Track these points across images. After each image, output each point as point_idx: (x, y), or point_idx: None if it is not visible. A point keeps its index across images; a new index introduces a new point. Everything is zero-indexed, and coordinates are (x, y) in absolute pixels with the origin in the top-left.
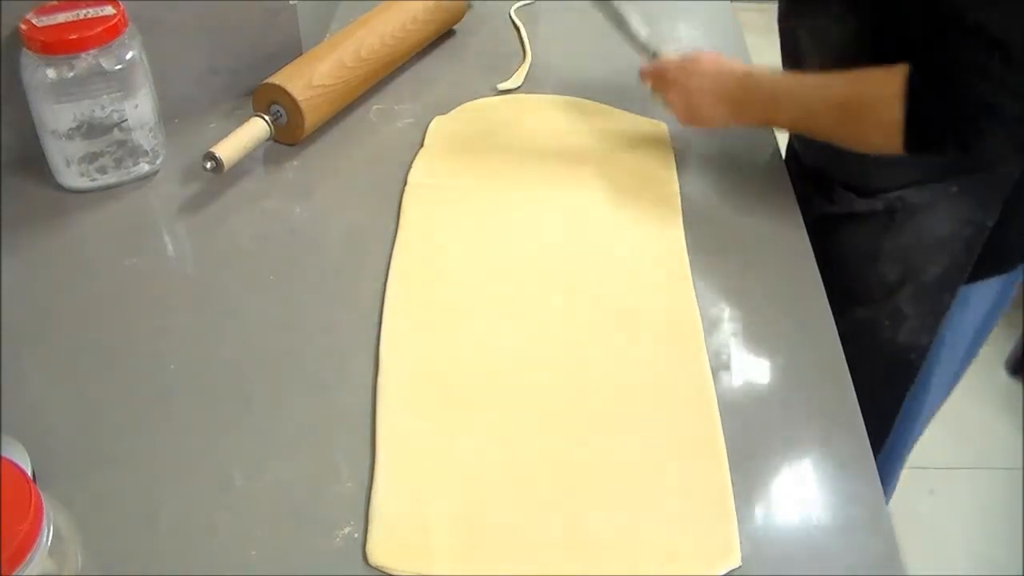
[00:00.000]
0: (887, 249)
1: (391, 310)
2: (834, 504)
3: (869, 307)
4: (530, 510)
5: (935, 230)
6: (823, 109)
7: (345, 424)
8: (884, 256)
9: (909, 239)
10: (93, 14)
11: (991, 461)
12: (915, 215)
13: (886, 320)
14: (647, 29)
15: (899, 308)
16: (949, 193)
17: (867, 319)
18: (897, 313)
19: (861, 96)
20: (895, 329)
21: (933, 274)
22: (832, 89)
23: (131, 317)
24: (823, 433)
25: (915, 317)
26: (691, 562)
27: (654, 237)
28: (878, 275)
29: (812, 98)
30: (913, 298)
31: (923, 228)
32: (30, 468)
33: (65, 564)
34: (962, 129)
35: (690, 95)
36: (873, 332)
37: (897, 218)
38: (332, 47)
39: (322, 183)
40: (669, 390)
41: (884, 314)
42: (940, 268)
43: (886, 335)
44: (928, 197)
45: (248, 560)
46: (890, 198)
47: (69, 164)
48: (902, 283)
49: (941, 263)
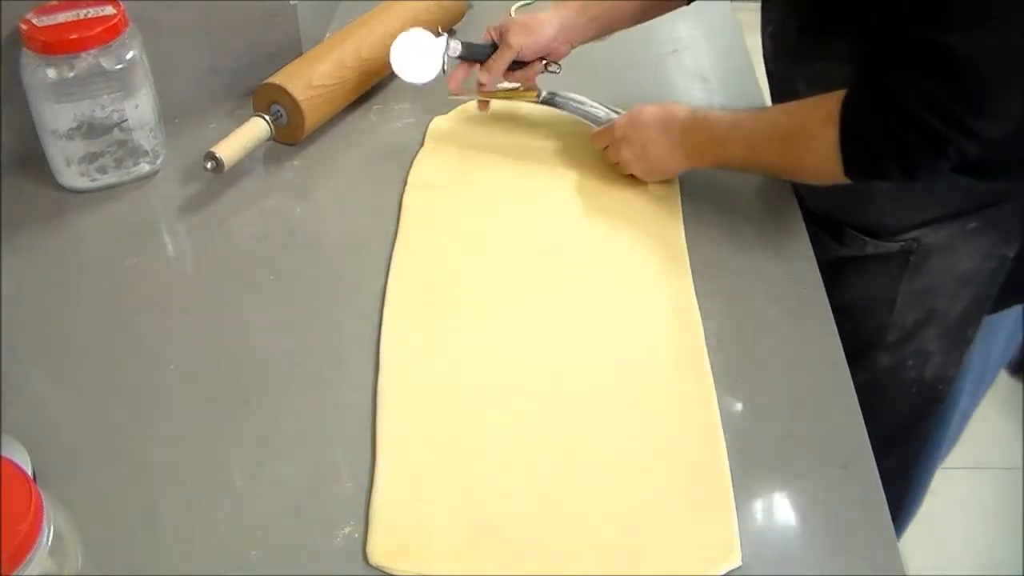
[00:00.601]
0: (905, 292)
1: (391, 310)
2: (834, 504)
3: (892, 353)
4: (530, 510)
5: (955, 269)
6: (767, 143)
7: (345, 424)
8: (902, 300)
9: (928, 281)
10: (93, 14)
11: (991, 461)
12: (932, 256)
13: (910, 360)
14: (604, 110)
15: (923, 348)
16: (967, 230)
17: (890, 365)
18: (921, 353)
19: (799, 124)
20: (921, 368)
21: (956, 312)
22: (773, 121)
23: (131, 317)
24: (823, 433)
25: (940, 354)
26: (691, 562)
27: (654, 236)
28: (895, 320)
29: (756, 133)
30: (938, 338)
31: (942, 268)
32: (30, 468)
33: (65, 564)
34: (899, 149)
35: (644, 148)
36: (897, 375)
37: (913, 260)
38: (332, 47)
39: (322, 183)
40: (669, 391)
41: (908, 355)
42: (963, 305)
43: (911, 375)
44: (945, 236)
45: (248, 560)
46: (905, 239)
47: (69, 164)
48: (924, 325)
49: (964, 300)
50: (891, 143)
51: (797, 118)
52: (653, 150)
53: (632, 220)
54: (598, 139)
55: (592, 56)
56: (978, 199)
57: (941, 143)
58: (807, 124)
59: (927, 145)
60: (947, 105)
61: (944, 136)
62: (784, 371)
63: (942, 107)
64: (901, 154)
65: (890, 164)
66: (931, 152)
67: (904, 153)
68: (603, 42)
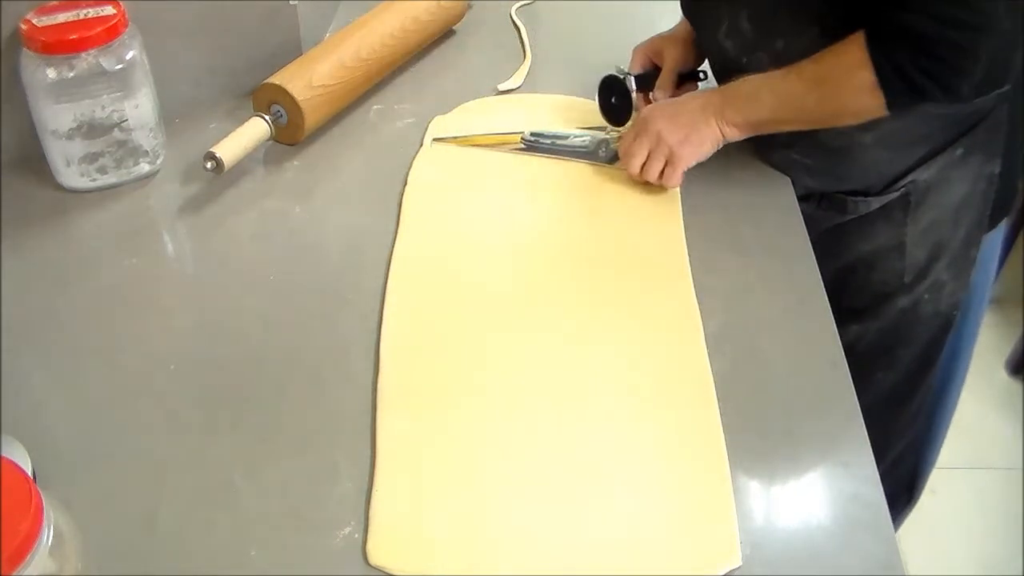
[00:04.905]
0: (912, 234)
1: (391, 310)
2: (834, 504)
3: (909, 293)
4: (530, 510)
5: (952, 198)
6: (802, 90)
7: (345, 424)
8: (911, 241)
9: (931, 216)
10: (93, 14)
11: (991, 461)
12: (929, 192)
13: (926, 295)
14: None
15: (937, 280)
16: (955, 158)
17: (910, 304)
18: (935, 285)
19: (831, 69)
20: (937, 301)
21: (959, 237)
22: (805, 70)
23: (131, 317)
24: (824, 433)
25: (952, 281)
26: (691, 562)
27: (654, 234)
28: (909, 261)
29: (788, 84)
30: (947, 267)
31: (941, 201)
32: (30, 468)
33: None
34: (933, 71)
35: (676, 118)
36: (917, 313)
37: (913, 201)
38: (332, 47)
39: (322, 183)
40: (669, 390)
41: (924, 291)
42: (964, 229)
43: (929, 309)
44: (937, 170)
45: (248, 560)
46: (902, 185)
47: (69, 164)
48: (935, 258)
49: (964, 224)
50: (925, 68)
51: (827, 65)
52: (687, 119)
53: (632, 219)
54: (625, 140)
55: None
56: (959, 126)
57: (968, 53)
58: (839, 68)
59: (958, 58)
60: (959, 16)
61: (968, 45)
62: (784, 371)
63: (957, 21)
64: (936, 75)
65: (931, 88)
66: (963, 63)
67: (939, 73)
68: (602, 41)
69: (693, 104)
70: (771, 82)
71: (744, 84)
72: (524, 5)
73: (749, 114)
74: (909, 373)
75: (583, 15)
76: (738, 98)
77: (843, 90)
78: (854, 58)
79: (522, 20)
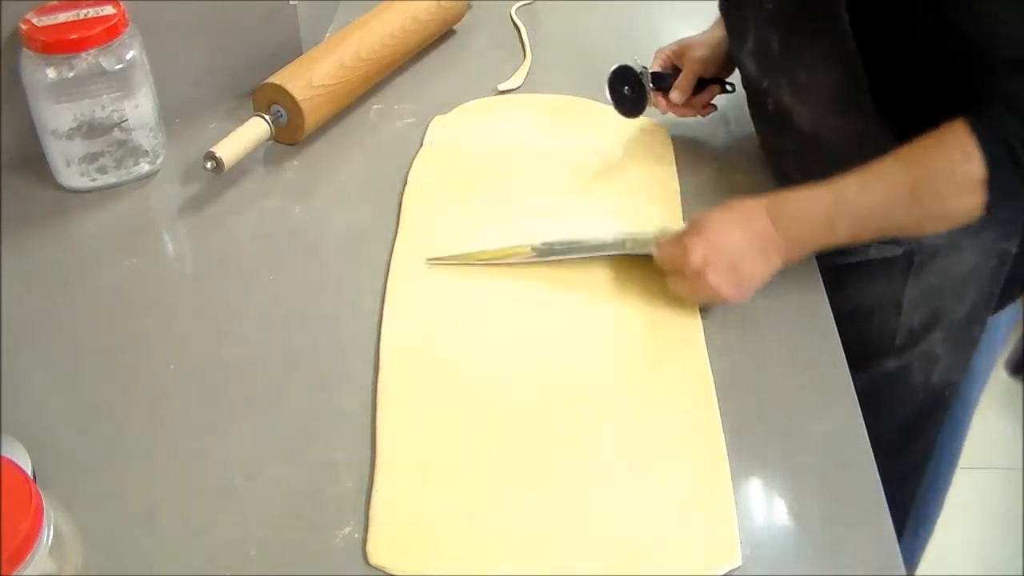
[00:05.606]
0: (910, 295)
1: (391, 310)
2: (834, 504)
3: (897, 356)
4: (530, 510)
5: (960, 268)
6: (888, 204)
7: (345, 424)
8: (908, 303)
9: (933, 281)
10: (93, 14)
11: (991, 461)
12: (936, 256)
13: (917, 364)
14: (612, 233)
15: (930, 351)
16: (969, 227)
17: (897, 369)
18: (928, 356)
19: (932, 169)
20: (927, 372)
21: (962, 312)
22: (889, 179)
23: (131, 317)
24: (823, 433)
25: (947, 356)
26: (691, 562)
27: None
28: (903, 323)
29: (870, 201)
30: (944, 340)
31: (947, 268)
32: (30, 468)
33: (65, 564)
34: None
35: (732, 267)
36: (904, 380)
37: (917, 260)
38: (332, 47)
39: (322, 183)
40: (669, 390)
41: (914, 359)
42: (968, 305)
43: (918, 380)
44: (948, 235)
45: (248, 560)
46: (908, 241)
47: (69, 164)
48: (931, 327)
49: (969, 299)
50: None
51: (926, 163)
52: (744, 264)
53: (633, 219)
54: (669, 265)
55: (591, 56)
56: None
57: None
58: (939, 169)
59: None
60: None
61: None
62: (784, 371)
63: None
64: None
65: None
66: None
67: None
68: (602, 41)
69: (753, 253)
70: (847, 199)
71: (810, 207)
72: (524, 5)
73: (820, 246)
74: (887, 448)
75: (583, 15)
76: (810, 232)
77: (944, 194)
78: (957, 150)
79: (522, 20)
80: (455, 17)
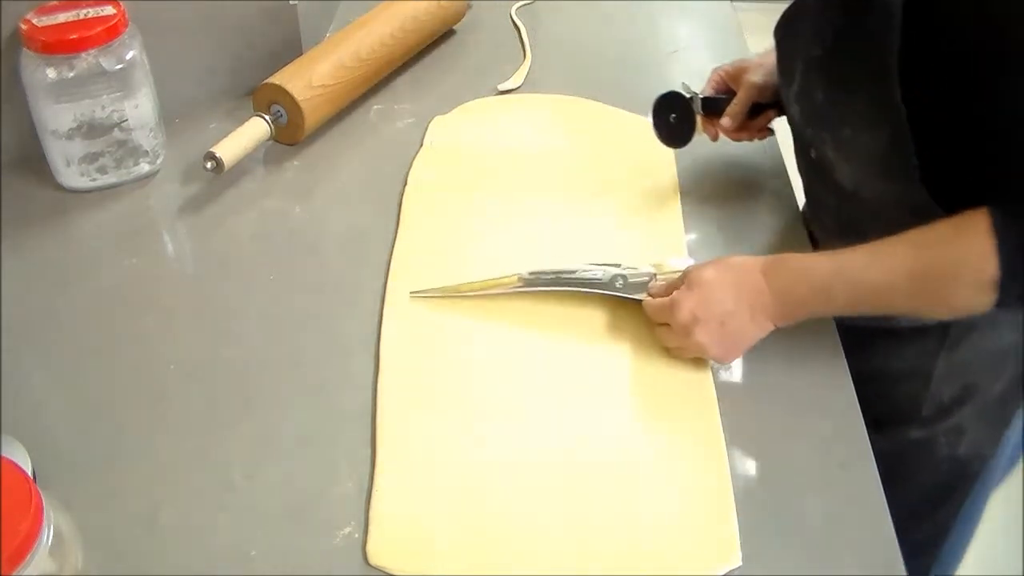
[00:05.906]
0: (942, 367)
1: (391, 310)
2: (834, 504)
3: (924, 428)
4: (530, 510)
5: (996, 344)
6: (892, 286)
7: (345, 424)
8: (939, 374)
9: (968, 355)
10: (93, 14)
11: None
12: (972, 330)
13: (943, 437)
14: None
15: (959, 426)
16: None
17: (922, 439)
18: (956, 430)
19: (943, 262)
20: (954, 445)
21: (996, 389)
22: (897, 262)
23: (131, 317)
24: (823, 433)
25: (976, 431)
26: (691, 562)
27: (654, 235)
28: (935, 393)
29: (873, 277)
30: (975, 416)
31: (982, 343)
32: (30, 468)
33: (65, 564)
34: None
35: (721, 325)
36: (929, 450)
37: (952, 333)
38: (332, 47)
39: (322, 183)
40: (669, 390)
41: (941, 432)
42: (1004, 383)
43: (943, 452)
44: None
45: (248, 560)
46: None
47: (69, 164)
48: (962, 402)
49: (1005, 377)
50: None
51: (933, 256)
52: (733, 324)
53: (632, 218)
54: (657, 317)
55: (591, 56)
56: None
57: None
58: (950, 263)
59: None
60: None
61: None
62: (784, 371)
63: None
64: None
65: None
66: None
67: None
68: (603, 42)
69: (742, 312)
70: (848, 272)
71: (809, 274)
72: (524, 5)
73: (814, 312)
74: (913, 511)
75: (583, 15)
76: (805, 299)
77: (951, 288)
78: (974, 246)
79: (522, 20)
80: (455, 17)
